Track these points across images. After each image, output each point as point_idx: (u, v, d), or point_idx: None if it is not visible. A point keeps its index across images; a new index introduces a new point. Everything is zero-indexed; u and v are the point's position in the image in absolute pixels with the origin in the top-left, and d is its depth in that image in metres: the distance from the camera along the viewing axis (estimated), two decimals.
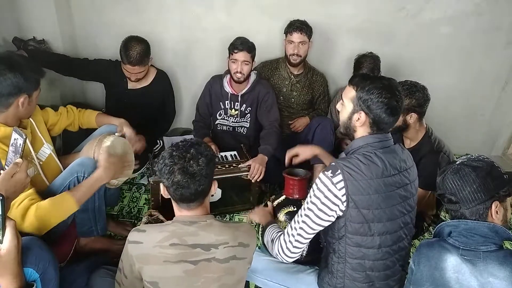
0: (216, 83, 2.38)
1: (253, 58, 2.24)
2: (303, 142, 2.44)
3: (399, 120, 1.76)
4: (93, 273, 1.48)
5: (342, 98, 1.37)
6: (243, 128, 2.49)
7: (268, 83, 2.48)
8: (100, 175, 1.58)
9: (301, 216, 1.30)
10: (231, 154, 2.29)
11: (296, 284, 1.53)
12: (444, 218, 2.17)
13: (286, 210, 1.74)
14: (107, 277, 1.44)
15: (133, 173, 2.03)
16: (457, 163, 1.20)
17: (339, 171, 1.23)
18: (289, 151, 1.83)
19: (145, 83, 2.41)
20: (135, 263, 1.15)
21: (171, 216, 1.24)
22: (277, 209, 1.75)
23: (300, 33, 2.35)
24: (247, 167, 2.13)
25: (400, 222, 1.31)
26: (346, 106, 1.33)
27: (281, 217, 1.72)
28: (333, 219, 1.27)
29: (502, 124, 3.04)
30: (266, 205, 1.82)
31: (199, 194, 1.16)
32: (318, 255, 1.54)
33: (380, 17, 2.61)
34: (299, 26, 2.35)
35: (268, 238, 1.47)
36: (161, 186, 1.21)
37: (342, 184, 1.22)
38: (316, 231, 1.30)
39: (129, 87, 2.38)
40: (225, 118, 2.45)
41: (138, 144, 2.09)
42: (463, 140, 3.02)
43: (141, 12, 2.52)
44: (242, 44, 2.18)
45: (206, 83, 2.43)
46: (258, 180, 2.14)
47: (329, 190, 1.23)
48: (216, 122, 2.49)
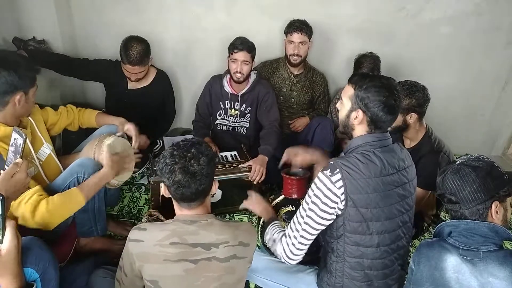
0: (216, 83, 2.38)
1: (253, 58, 2.24)
2: (303, 142, 2.44)
3: (399, 120, 1.77)
4: (93, 273, 1.48)
5: (341, 97, 1.38)
6: (243, 128, 2.49)
7: (268, 83, 2.47)
8: (106, 172, 1.62)
9: (303, 217, 1.29)
10: (231, 154, 2.29)
11: (296, 284, 1.53)
12: (444, 218, 2.17)
13: (285, 210, 1.74)
14: (107, 277, 1.45)
15: (133, 173, 2.03)
16: (457, 163, 1.20)
17: (338, 170, 1.23)
18: (289, 151, 1.74)
19: (145, 83, 2.41)
20: (135, 261, 1.16)
21: (171, 216, 1.24)
22: (276, 209, 1.75)
23: (300, 33, 2.35)
24: (247, 167, 2.13)
25: (399, 221, 1.31)
26: (345, 105, 1.35)
27: (280, 217, 1.72)
28: (334, 217, 1.28)
29: (502, 124, 3.04)
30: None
31: (200, 194, 1.16)
32: (318, 254, 1.53)
33: (380, 17, 2.61)
34: (299, 26, 2.35)
35: (270, 237, 1.46)
36: (162, 186, 1.21)
37: (340, 183, 1.22)
38: (319, 231, 1.30)
39: (129, 87, 2.38)
40: (225, 118, 2.45)
41: (142, 138, 2.08)
42: (463, 140, 3.02)
43: (141, 12, 2.52)
44: (242, 44, 2.18)
45: (206, 83, 2.43)
46: (259, 182, 2.14)
47: (328, 189, 1.23)
48: (216, 122, 2.49)
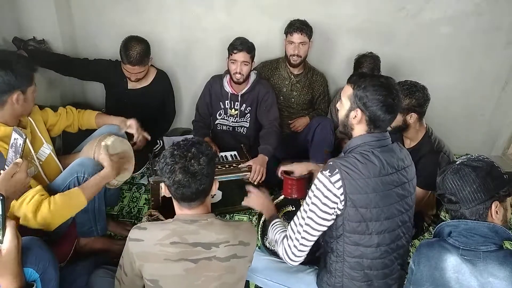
0: (216, 83, 2.38)
1: (252, 59, 2.24)
2: (303, 142, 2.45)
3: (399, 120, 1.77)
4: (93, 273, 1.48)
5: (341, 97, 1.38)
6: (243, 128, 2.49)
7: (268, 83, 2.47)
8: (107, 173, 1.61)
9: (304, 219, 1.29)
10: (231, 154, 2.29)
11: (296, 284, 1.53)
12: (444, 218, 2.17)
13: (285, 210, 1.74)
14: (107, 277, 1.45)
15: (133, 173, 2.03)
16: (457, 163, 1.20)
17: (337, 170, 1.23)
18: (283, 166, 1.73)
19: (145, 83, 2.41)
20: (135, 260, 1.16)
21: (171, 216, 1.24)
22: (276, 209, 1.74)
23: (301, 34, 2.35)
24: (247, 167, 2.13)
25: (398, 221, 1.31)
26: (344, 104, 1.35)
27: (280, 217, 1.72)
28: (335, 217, 1.28)
29: (502, 124, 3.04)
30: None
31: (200, 193, 1.16)
32: (317, 254, 1.53)
33: (380, 17, 2.61)
34: (299, 27, 2.34)
35: (273, 237, 1.45)
36: (162, 185, 1.21)
37: (340, 183, 1.22)
38: (320, 232, 1.30)
39: (129, 87, 2.38)
40: (225, 118, 2.45)
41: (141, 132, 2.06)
42: (463, 140, 3.02)
43: (141, 12, 2.52)
44: (241, 44, 2.18)
45: (206, 83, 2.43)
46: (260, 182, 2.14)
47: (328, 189, 1.23)
48: (216, 122, 2.49)
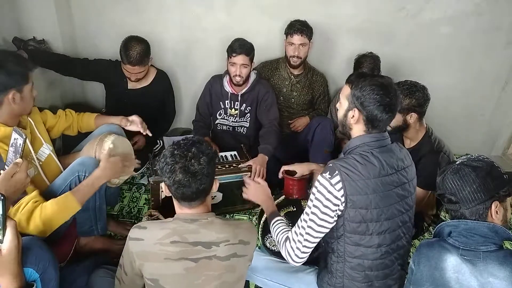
0: (216, 83, 2.38)
1: (251, 60, 2.24)
2: (303, 142, 2.45)
3: (399, 120, 1.77)
4: (93, 273, 1.48)
5: (339, 96, 1.38)
6: (243, 128, 2.49)
7: (268, 82, 2.47)
8: (99, 174, 1.58)
9: (306, 221, 1.29)
10: (231, 154, 2.29)
11: (295, 284, 1.53)
12: (444, 218, 2.17)
13: (286, 210, 1.74)
14: (107, 277, 1.45)
15: (133, 172, 2.02)
16: (457, 163, 1.20)
17: (337, 172, 1.23)
18: (285, 166, 1.73)
19: (145, 83, 2.41)
20: (135, 260, 1.16)
21: (171, 216, 1.24)
22: (277, 209, 1.75)
23: (301, 35, 2.35)
24: (247, 167, 2.13)
25: (399, 221, 1.31)
26: (342, 104, 1.35)
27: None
28: (336, 219, 1.28)
29: (502, 124, 3.04)
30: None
31: (201, 193, 1.16)
32: (318, 254, 1.54)
33: (380, 17, 2.61)
34: (299, 28, 2.34)
35: (275, 237, 1.45)
36: (163, 185, 1.21)
37: (340, 185, 1.22)
38: (323, 234, 1.30)
39: (129, 87, 2.38)
40: (225, 117, 2.45)
41: (142, 138, 2.02)
42: (463, 140, 3.02)
43: (141, 12, 2.52)
44: (240, 47, 2.17)
45: (206, 83, 2.43)
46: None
47: (329, 191, 1.23)
48: (216, 122, 2.49)
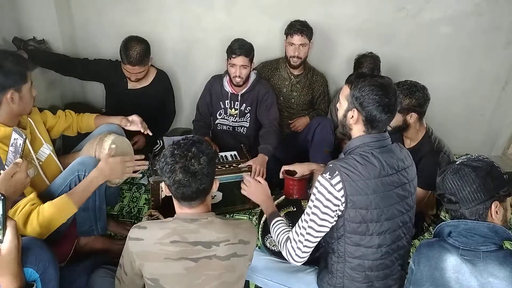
0: (216, 83, 2.38)
1: (251, 61, 2.24)
2: (303, 142, 2.45)
3: (399, 120, 1.77)
4: (93, 273, 1.48)
5: (339, 96, 1.38)
6: (243, 128, 2.49)
7: (268, 82, 2.47)
8: (96, 175, 1.57)
9: (307, 221, 1.29)
10: (231, 154, 2.29)
11: (296, 284, 1.53)
12: (444, 218, 2.17)
13: (286, 210, 1.74)
14: (107, 277, 1.45)
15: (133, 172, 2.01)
16: (457, 163, 1.20)
17: (337, 172, 1.23)
18: (285, 166, 1.73)
19: (145, 83, 2.41)
20: (135, 260, 1.16)
21: (171, 216, 1.23)
22: (277, 209, 1.75)
23: (301, 36, 2.35)
24: (247, 167, 2.13)
25: (399, 221, 1.31)
26: (342, 104, 1.35)
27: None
28: (337, 219, 1.28)
29: (502, 124, 3.04)
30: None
31: (201, 193, 1.16)
32: (318, 254, 1.54)
33: (380, 17, 2.61)
34: (299, 29, 2.34)
35: (275, 238, 1.45)
36: (163, 184, 1.21)
37: (340, 185, 1.22)
38: (324, 233, 1.30)
39: (129, 87, 2.38)
40: (225, 117, 2.45)
41: (142, 138, 2.01)
42: (463, 140, 3.02)
43: (141, 12, 2.52)
44: (239, 48, 2.17)
45: (206, 83, 2.43)
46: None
47: (329, 192, 1.23)
48: (216, 122, 2.49)
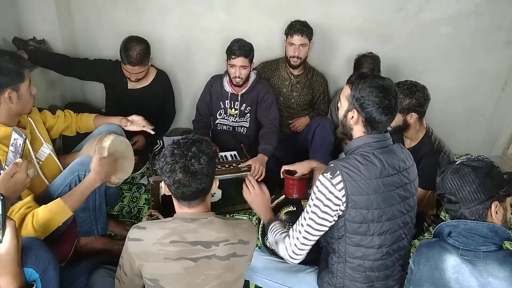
0: (216, 83, 2.38)
1: (251, 61, 2.23)
2: (303, 142, 2.45)
3: (400, 120, 1.77)
4: (93, 273, 1.48)
5: (340, 96, 1.38)
6: (243, 128, 2.49)
7: (268, 83, 2.47)
8: (92, 178, 1.54)
9: (305, 219, 1.29)
10: (231, 154, 2.29)
11: (296, 284, 1.53)
12: (444, 218, 2.17)
13: (286, 210, 1.74)
14: (107, 277, 1.45)
15: (133, 173, 2.02)
16: (456, 163, 1.20)
17: (338, 172, 1.23)
18: (286, 166, 1.73)
19: (145, 83, 2.41)
20: (135, 260, 1.15)
21: (171, 216, 1.23)
22: (277, 209, 1.75)
23: (301, 36, 2.35)
24: (247, 167, 2.13)
25: (400, 222, 1.31)
26: (343, 104, 1.35)
27: (281, 217, 1.72)
28: (336, 219, 1.28)
29: (502, 124, 3.04)
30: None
31: (200, 193, 1.16)
32: (318, 254, 1.53)
33: (380, 17, 2.61)
34: (300, 29, 2.34)
35: (272, 239, 1.46)
36: (162, 184, 1.20)
37: (341, 185, 1.22)
38: (322, 233, 1.30)
39: (129, 87, 2.38)
40: (225, 117, 2.45)
41: (141, 139, 2.02)
42: (463, 140, 3.02)
43: (141, 12, 2.52)
44: (239, 49, 2.16)
45: (206, 83, 2.43)
46: (259, 181, 2.14)
47: (330, 191, 1.23)
48: (216, 122, 2.49)
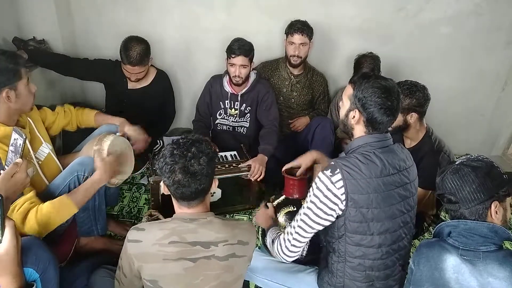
0: (216, 83, 2.38)
1: (251, 60, 2.23)
2: (303, 142, 2.45)
3: (400, 120, 1.77)
4: (93, 273, 1.48)
5: (342, 96, 1.38)
6: (243, 128, 2.49)
7: (268, 83, 2.47)
8: (99, 177, 1.57)
9: (300, 215, 1.30)
10: (231, 154, 2.29)
11: (296, 284, 1.53)
12: (444, 218, 2.17)
13: (286, 210, 1.74)
14: (107, 277, 1.45)
15: (133, 173, 2.02)
16: (456, 163, 1.20)
17: (338, 170, 1.23)
18: (288, 164, 1.74)
19: (145, 83, 2.41)
20: (134, 262, 1.15)
21: (171, 216, 1.23)
22: (277, 209, 1.75)
23: (301, 35, 2.35)
24: (247, 167, 2.13)
25: (400, 222, 1.31)
26: (344, 104, 1.35)
27: (281, 217, 1.72)
28: (332, 218, 1.27)
29: (502, 124, 3.04)
30: (267, 206, 1.79)
31: (200, 193, 1.16)
32: (318, 255, 1.54)
33: (380, 17, 2.61)
34: (300, 28, 2.34)
35: (269, 239, 1.48)
36: (162, 184, 1.20)
37: (341, 183, 1.22)
38: (315, 231, 1.30)
39: (129, 87, 2.38)
40: (225, 117, 2.45)
41: (141, 141, 2.04)
42: (463, 140, 3.02)
43: (141, 12, 2.52)
44: (239, 48, 2.17)
45: (206, 83, 2.43)
46: (258, 180, 2.15)
47: (328, 189, 1.23)
48: (216, 122, 2.49)
